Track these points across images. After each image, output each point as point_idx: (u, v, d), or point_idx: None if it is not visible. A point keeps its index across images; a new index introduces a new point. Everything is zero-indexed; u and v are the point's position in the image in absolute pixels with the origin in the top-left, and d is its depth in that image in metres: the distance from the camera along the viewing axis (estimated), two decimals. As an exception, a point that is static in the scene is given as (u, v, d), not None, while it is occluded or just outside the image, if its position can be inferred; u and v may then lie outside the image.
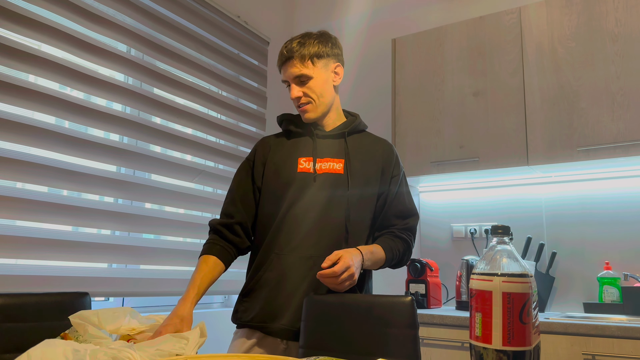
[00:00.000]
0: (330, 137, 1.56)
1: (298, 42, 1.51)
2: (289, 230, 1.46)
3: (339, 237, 1.46)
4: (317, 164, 1.51)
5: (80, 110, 2.07)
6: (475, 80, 2.62)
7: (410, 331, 1.28)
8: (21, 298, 1.39)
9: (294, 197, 1.48)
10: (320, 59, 1.51)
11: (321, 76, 1.52)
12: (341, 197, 1.48)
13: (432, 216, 2.97)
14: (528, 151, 2.42)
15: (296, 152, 1.54)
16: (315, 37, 1.53)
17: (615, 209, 2.48)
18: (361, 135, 1.61)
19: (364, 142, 1.58)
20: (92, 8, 2.15)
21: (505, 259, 0.87)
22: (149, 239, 2.33)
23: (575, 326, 1.94)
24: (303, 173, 1.50)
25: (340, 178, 1.50)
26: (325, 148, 1.54)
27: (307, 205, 1.47)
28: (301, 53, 1.49)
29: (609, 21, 2.33)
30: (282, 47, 1.53)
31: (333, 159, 1.52)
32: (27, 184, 1.90)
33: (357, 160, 1.53)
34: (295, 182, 1.49)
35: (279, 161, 1.54)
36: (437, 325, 2.23)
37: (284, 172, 1.52)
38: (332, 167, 1.51)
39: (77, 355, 0.90)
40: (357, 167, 1.52)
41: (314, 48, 1.50)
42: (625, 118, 2.23)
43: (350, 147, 1.55)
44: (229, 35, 2.93)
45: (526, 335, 0.83)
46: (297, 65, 1.49)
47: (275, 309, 1.43)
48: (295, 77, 1.50)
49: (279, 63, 1.55)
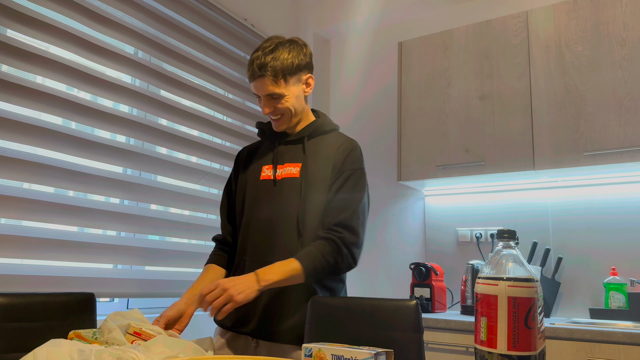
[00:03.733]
0: (291, 143, 1.59)
1: (272, 57, 1.46)
2: (252, 237, 1.54)
3: (292, 240, 1.49)
4: (278, 170, 1.56)
5: (87, 111, 2.08)
6: (481, 83, 2.61)
7: (415, 335, 1.28)
8: (27, 298, 1.39)
9: (256, 204, 1.56)
10: (292, 76, 1.50)
11: (293, 93, 1.52)
12: (295, 200, 1.51)
13: (438, 220, 2.96)
14: (534, 155, 2.41)
15: (262, 161, 1.62)
16: (286, 47, 1.50)
17: (621, 214, 2.47)
18: (326, 136, 1.60)
19: (324, 144, 1.57)
20: (100, 10, 2.17)
21: (511, 264, 0.87)
22: (154, 240, 2.34)
23: (580, 332, 1.93)
24: (265, 180, 1.57)
25: (296, 182, 1.52)
26: (286, 153, 1.58)
27: (267, 211, 1.53)
28: (274, 70, 1.46)
29: (617, 25, 2.32)
30: (253, 60, 1.49)
31: (292, 164, 1.56)
32: (34, 184, 1.91)
33: (314, 162, 1.54)
34: (259, 189, 1.57)
35: (248, 172, 1.63)
36: (441, 330, 2.22)
37: (250, 181, 1.60)
38: (289, 172, 1.55)
39: (83, 355, 0.90)
40: (313, 169, 1.53)
41: (287, 62, 1.48)
42: (633, 123, 2.22)
43: (309, 150, 1.56)
44: (235, 38, 2.94)
45: (531, 340, 0.82)
46: (269, 84, 1.47)
47: (243, 314, 1.50)
48: (267, 94, 1.50)
49: (249, 75, 1.51)
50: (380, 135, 3.28)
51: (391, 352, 1.02)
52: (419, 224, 3.03)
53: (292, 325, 1.46)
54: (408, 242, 3.05)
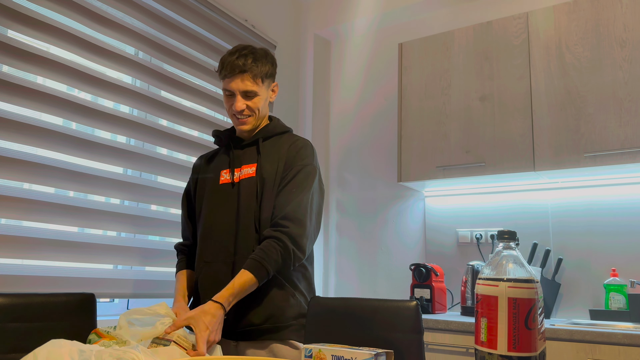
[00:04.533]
0: (247, 146, 1.65)
1: (252, 58, 1.57)
2: (212, 238, 1.57)
3: (251, 239, 1.52)
4: (235, 173, 1.61)
5: (87, 112, 2.08)
6: (481, 84, 2.61)
7: (415, 336, 1.28)
8: (27, 298, 1.39)
9: (215, 207, 1.59)
10: (267, 79, 1.62)
11: (264, 94, 1.62)
12: (252, 199, 1.55)
13: (438, 221, 2.96)
14: (534, 156, 2.41)
15: (219, 166, 1.66)
16: (263, 55, 1.60)
17: (622, 215, 2.47)
18: (280, 138, 1.66)
19: (278, 144, 1.64)
20: (100, 11, 2.17)
21: (511, 265, 0.87)
22: (155, 240, 2.34)
23: (581, 333, 1.93)
24: (224, 184, 1.61)
25: (252, 180, 1.57)
26: (243, 156, 1.64)
27: (226, 213, 1.57)
28: (254, 70, 1.56)
29: (617, 27, 2.32)
30: (234, 59, 1.56)
31: (248, 165, 1.61)
32: (34, 184, 1.91)
33: (267, 162, 1.60)
34: (218, 193, 1.61)
35: (206, 178, 1.68)
36: (441, 331, 2.22)
37: (209, 187, 1.64)
38: (246, 173, 1.60)
39: (83, 356, 0.90)
40: (266, 168, 1.58)
41: (265, 67, 1.59)
42: (633, 124, 2.22)
43: (263, 151, 1.62)
44: (236, 39, 2.94)
45: (531, 341, 0.82)
46: (249, 81, 1.56)
47: None
48: (244, 91, 1.57)
49: (227, 72, 1.57)
50: (380, 136, 3.28)
51: (391, 353, 1.02)
52: (419, 225, 3.03)
53: (266, 317, 1.47)
54: (408, 243, 3.05)
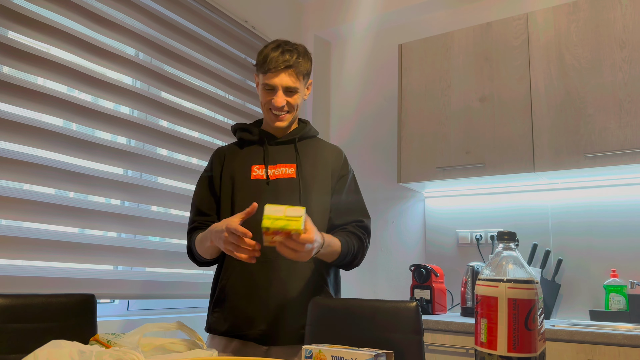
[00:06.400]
0: (281, 144, 1.64)
1: (297, 54, 1.56)
2: None
3: None
4: (270, 170, 1.59)
5: (87, 112, 2.08)
6: (481, 85, 2.61)
7: (415, 337, 1.28)
8: (27, 299, 1.39)
9: (249, 203, 1.54)
10: (307, 77, 1.62)
11: (303, 92, 1.62)
12: (294, 200, 1.54)
13: (438, 222, 2.96)
14: (534, 157, 2.42)
15: (249, 160, 1.62)
16: (304, 52, 1.60)
17: (621, 216, 2.47)
18: (312, 140, 1.68)
19: (314, 147, 1.65)
20: (101, 12, 2.17)
21: (511, 265, 0.87)
22: (155, 241, 2.34)
23: (580, 334, 1.93)
24: (256, 180, 1.58)
25: (293, 182, 1.56)
26: (277, 154, 1.61)
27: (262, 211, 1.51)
28: (299, 67, 1.55)
29: (617, 28, 2.32)
30: (278, 54, 1.53)
31: (285, 165, 1.59)
32: (34, 185, 1.91)
33: (308, 164, 1.60)
34: (250, 188, 1.57)
35: (234, 170, 1.61)
36: (441, 332, 2.22)
37: (238, 180, 1.59)
38: (284, 172, 1.58)
39: (83, 356, 0.90)
40: (308, 170, 1.59)
41: (307, 65, 1.59)
42: (633, 125, 2.22)
43: (301, 153, 1.62)
44: (236, 40, 2.94)
45: (531, 342, 0.82)
46: (293, 77, 1.55)
47: (251, 317, 1.48)
48: (287, 87, 1.55)
49: (271, 66, 1.53)
50: (380, 137, 3.28)
51: (391, 354, 1.02)
52: (419, 226, 3.03)
53: (302, 325, 1.47)
54: (408, 244, 3.05)
